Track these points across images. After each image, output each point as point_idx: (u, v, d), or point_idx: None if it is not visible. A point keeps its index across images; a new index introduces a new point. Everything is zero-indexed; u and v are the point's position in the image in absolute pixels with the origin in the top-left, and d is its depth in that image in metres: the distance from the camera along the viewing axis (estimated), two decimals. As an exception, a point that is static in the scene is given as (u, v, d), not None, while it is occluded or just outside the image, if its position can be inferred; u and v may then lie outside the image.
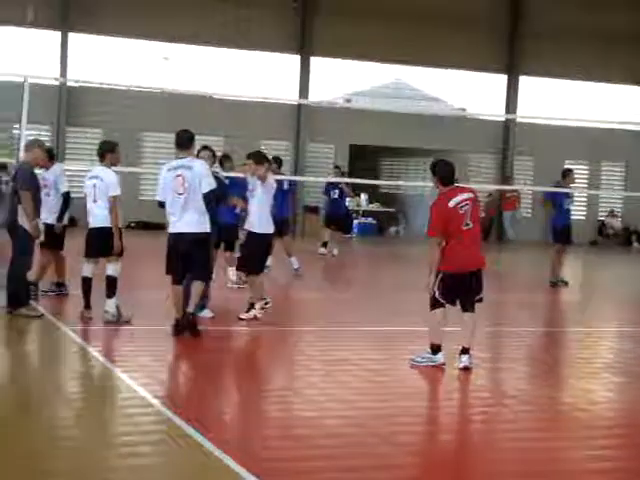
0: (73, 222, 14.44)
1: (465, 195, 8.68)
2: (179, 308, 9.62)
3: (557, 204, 16.59)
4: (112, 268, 10.26)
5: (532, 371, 9.50)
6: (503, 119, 29.84)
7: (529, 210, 30.08)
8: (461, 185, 9.10)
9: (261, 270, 11.06)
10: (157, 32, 26.32)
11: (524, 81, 30.02)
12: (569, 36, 29.47)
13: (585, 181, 30.99)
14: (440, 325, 8.71)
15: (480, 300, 8.78)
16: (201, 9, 26.57)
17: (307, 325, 11.19)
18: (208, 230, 9.73)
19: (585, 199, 31.08)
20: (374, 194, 29.69)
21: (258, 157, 11.00)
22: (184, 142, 9.76)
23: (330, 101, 26.80)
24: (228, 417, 7.02)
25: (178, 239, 9.61)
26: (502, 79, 29.95)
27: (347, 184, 20.28)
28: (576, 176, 30.15)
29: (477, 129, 28.69)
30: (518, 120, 29.28)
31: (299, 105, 27.52)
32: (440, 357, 8.67)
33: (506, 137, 29.93)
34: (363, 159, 28.63)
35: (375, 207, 29.77)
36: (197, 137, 10.05)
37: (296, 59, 28.01)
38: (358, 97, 28.08)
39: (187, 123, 25.65)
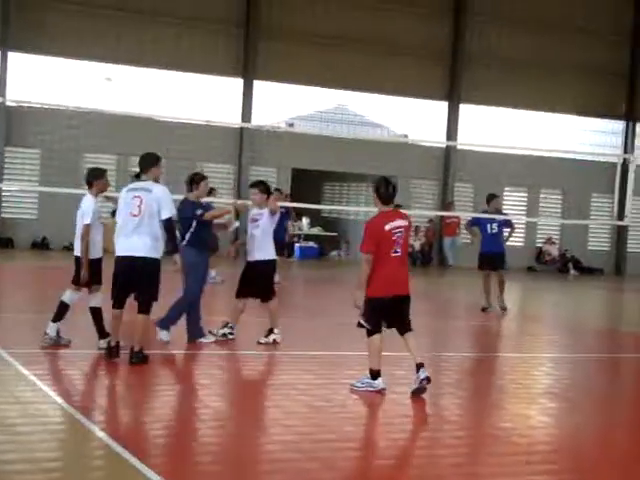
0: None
1: (401, 222, 8.76)
2: (115, 333, 9.43)
3: (482, 230, 16.75)
4: (66, 295, 10.06)
5: (469, 396, 9.55)
6: (444, 146, 30.18)
7: (469, 236, 30.37)
8: (400, 210, 9.14)
9: (275, 294, 11.32)
10: (100, 53, 26.16)
11: (465, 109, 30.43)
12: (510, 65, 30.01)
13: (524, 208, 31.46)
14: (379, 351, 8.73)
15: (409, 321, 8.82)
16: (145, 31, 26.50)
17: (249, 349, 11.12)
18: (158, 256, 9.45)
19: (523, 226, 31.50)
20: (316, 218, 29.78)
21: (266, 188, 11.44)
22: (145, 165, 9.63)
23: (273, 125, 26.85)
24: (164, 441, 6.93)
25: (125, 262, 9.39)
26: (443, 106, 30.31)
27: (291, 208, 20.22)
28: (515, 203, 31.13)
29: (419, 155, 28.96)
30: (459, 147, 29.65)
31: (241, 128, 27.53)
32: (379, 383, 8.68)
33: (447, 164, 30.25)
34: (305, 183, 28.71)
35: (317, 231, 29.85)
36: (137, 159, 9.97)
37: (239, 83, 28.04)
38: (301, 121, 28.20)
39: (128, 145, 25.62)
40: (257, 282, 11.22)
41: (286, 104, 28.18)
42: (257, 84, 28.17)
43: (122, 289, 9.47)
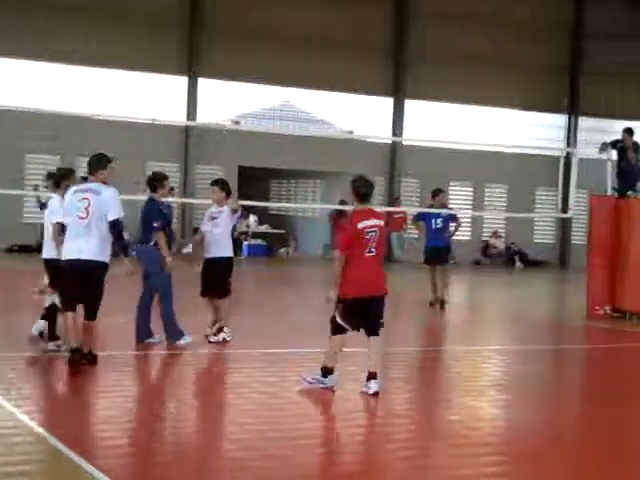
0: None
1: (375, 221, 8.61)
2: (77, 337, 9.16)
3: (427, 224, 16.86)
4: (52, 299, 10.01)
5: (419, 390, 9.63)
6: (390, 141, 30.31)
7: (416, 231, 30.57)
8: (375, 209, 8.96)
9: (229, 293, 11.30)
10: (42, 53, 25.83)
11: (410, 104, 30.60)
12: (455, 61, 30.23)
13: (469, 202, 31.76)
14: (337, 351, 8.66)
15: (381, 325, 8.75)
16: (88, 29, 26.21)
17: (200, 348, 11.06)
18: (107, 260, 9.27)
19: (469, 220, 31.79)
20: (264, 216, 29.74)
21: (225, 186, 11.51)
22: (95, 166, 9.41)
23: (218, 123, 26.75)
24: (115, 443, 6.88)
25: (75, 265, 9.14)
26: (389, 102, 30.45)
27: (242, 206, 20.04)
28: (461, 198, 31.42)
29: (365, 151, 29.06)
30: (404, 143, 29.81)
31: (187, 127, 27.38)
32: (329, 380, 8.63)
33: (393, 159, 30.41)
34: (252, 181, 28.65)
35: (265, 228, 29.82)
36: (83, 159, 9.87)
37: (184, 81, 27.89)
38: (247, 119, 28.14)
39: (72, 145, 25.33)
40: (214, 279, 11.25)
41: (232, 102, 28.09)
42: (202, 82, 28.05)
43: (73, 293, 9.24)
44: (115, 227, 9.20)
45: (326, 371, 8.66)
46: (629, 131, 16.85)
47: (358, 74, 29.29)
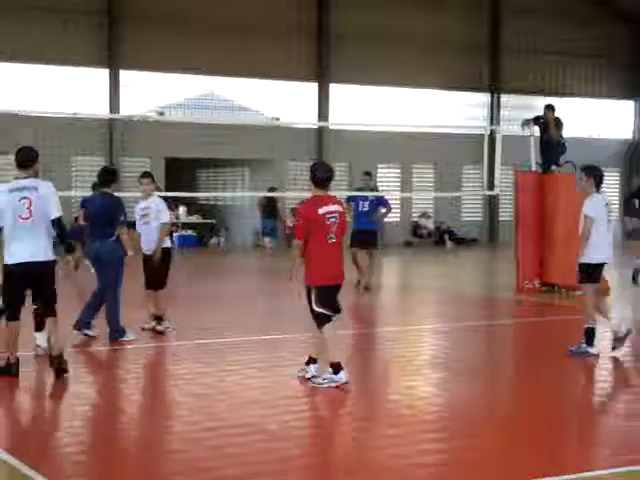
0: None
1: (334, 207, 8.49)
2: (16, 346, 8.75)
3: (355, 207, 16.87)
4: None
5: (355, 372, 9.67)
6: (316, 127, 30.31)
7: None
8: (332, 195, 8.82)
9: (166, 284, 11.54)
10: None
11: (335, 88, 30.63)
12: (377, 43, 30.30)
13: (398, 184, 31.96)
14: (336, 341, 8.48)
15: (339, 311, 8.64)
16: (5, 23, 25.64)
17: (134, 342, 10.94)
18: (54, 257, 8.90)
19: (398, 201, 32.00)
20: (193, 206, 29.55)
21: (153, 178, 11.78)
22: (26, 161, 8.77)
23: (142, 115, 26.45)
24: (51, 443, 6.79)
25: (27, 269, 8.60)
26: (313, 87, 30.44)
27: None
28: (389, 179, 31.59)
29: (292, 137, 29.00)
30: (331, 127, 29.84)
31: (110, 120, 27.02)
32: (342, 376, 8.35)
33: (320, 144, 30.43)
34: (179, 172, 28.43)
35: (194, 219, 29.63)
36: (2, 157, 9.61)
37: (105, 73, 27.50)
38: (171, 110, 27.88)
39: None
40: (155, 271, 11.40)
41: (155, 93, 27.78)
42: (123, 74, 27.66)
43: (20, 299, 8.77)
44: (60, 224, 8.78)
45: (335, 367, 8.38)
46: (550, 107, 17.13)
47: (281, 60, 29.19)
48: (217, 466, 6.14)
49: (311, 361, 8.58)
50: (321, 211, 8.36)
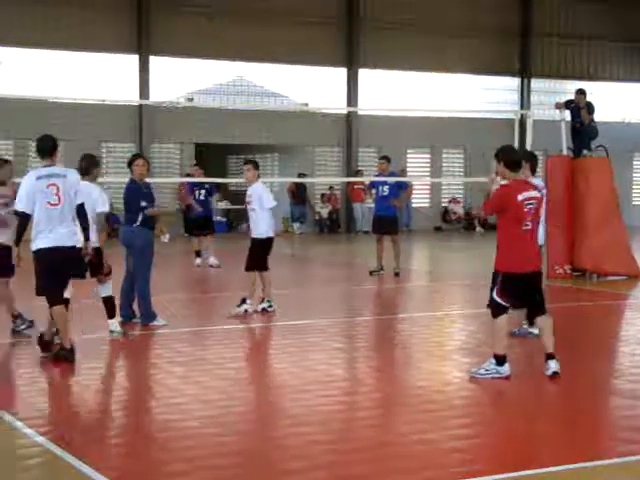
0: None
1: (533, 193, 8.22)
2: (67, 331, 8.78)
3: (376, 192, 16.89)
4: (105, 288, 9.99)
5: (385, 357, 9.68)
6: (345, 112, 30.25)
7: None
8: (529, 181, 8.60)
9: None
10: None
11: (364, 73, 30.53)
12: (406, 27, 30.16)
13: (427, 169, 31.86)
14: (505, 333, 8.28)
15: (544, 301, 8.38)
16: (36, 11, 25.78)
17: (163, 328, 11.02)
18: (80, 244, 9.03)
19: (428, 186, 31.91)
20: (223, 192, 29.63)
21: (257, 164, 12.66)
22: (48, 149, 8.87)
23: (172, 101, 26.52)
24: (84, 426, 6.86)
25: (58, 252, 8.67)
26: (342, 72, 30.37)
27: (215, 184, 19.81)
28: (418, 164, 31.49)
29: (321, 123, 28.98)
30: (360, 112, 29.77)
31: (140, 106, 27.12)
32: (506, 369, 8.18)
33: (349, 130, 30.37)
34: (209, 157, 28.49)
35: (224, 205, 29.71)
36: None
37: (135, 59, 27.59)
38: (201, 96, 27.93)
39: (26, 130, 24.95)
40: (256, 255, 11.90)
41: (185, 79, 27.84)
42: (153, 60, 27.75)
43: (59, 283, 8.81)
44: (83, 211, 8.91)
45: (499, 359, 8.18)
46: (581, 91, 16.97)
47: (310, 45, 29.14)
48: (248, 449, 6.17)
49: (550, 357, 8.18)
50: (520, 197, 8.08)
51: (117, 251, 11.31)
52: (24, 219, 8.74)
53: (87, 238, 9.07)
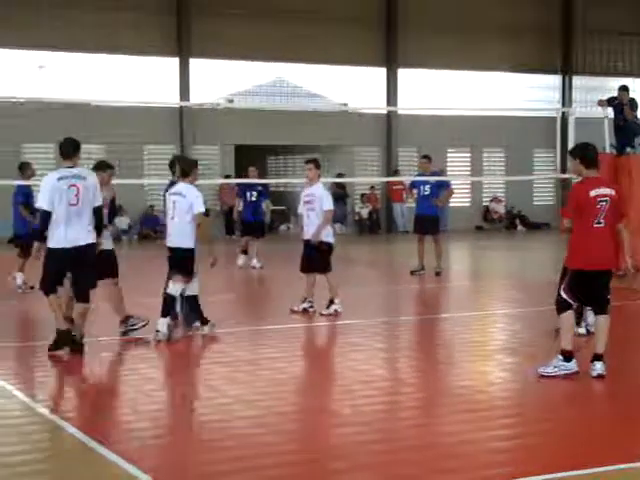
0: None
1: (607, 190, 8.13)
2: (60, 318, 9.24)
3: (417, 192, 16.84)
4: (174, 288, 10.19)
5: (428, 357, 9.65)
6: (385, 112, 30.19)
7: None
8: (604, 178, 8.46)
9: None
10: (31, 41, 25.65)
11: (403, 73, 30.45)
12: (445, 27, 30.03)
13: (468, 168, 31.70)
14: (571, 328, 8.25)
15: (608, 302, 8.24)
16: (76, 15, 26.02)
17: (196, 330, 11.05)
18: (95, 240, 9.36)
19: (469, 186, 31.75)
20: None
21: (319, 163, 12.47)
22: (70, 151, 9.32)
23: (212, 103, 26.65)
24: (128, 426, 6.90)
25: (69, 252, 9.11)
26: (381, 72, 30.31)
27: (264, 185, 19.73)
28: (459, 163, 31.34)
29: (360, 123, 28.95)
30: (400, 112, 29.70)
31: (181, 108, 27.28)
32: (574, 364, 8.13)
33: (389, 129, 30.31)
34: (249, 159, 28.54)
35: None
36: (83, 146, 9.83)
37: (175, 62, 27.76)
38: (240, 97, 28.02)
39: (68, 132, 25.16)
40: (314, 257, 11.85)
41: (224, 81, 27.95)
42: (193, 62, 27.90)
43: (58, 277, 9.32)
44: (99, 212, 9.34)
45: (565, 355, 8.14)
46: (624, 88, 16.78)
47: (349, 46, 29.12)
48: (289, 450, 6.18)
49: (596, 357, 8.12)
50: (592, 193, 8.03)
51: (158, 254, 11.35)
52: (45, 216, 9.12)
53: (99, 236, 9.43)
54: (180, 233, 10.15)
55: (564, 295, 8.20)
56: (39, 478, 5.66)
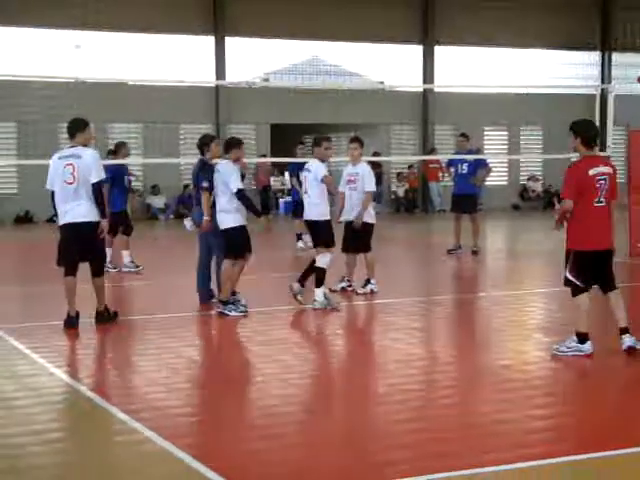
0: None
1: (605, 169, 8.04)
2: (72, 301, 9.50)
3: (455, 171, 16.70)
4: (321, 259, 10.67)
5: (465, 336, 9.60)
6: (421, 90, 30.00)
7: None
8: (604, 156, 8.32)
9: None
10: (67, 21, 25.78)
11: (440, 51, 30.22)
12: (482, 3, 29.75)
13: (505, 146, 31.44)
14: (587, 311, 8.13)
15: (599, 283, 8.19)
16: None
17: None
18: (98, 219, 9.55)
19: (506, 164, 31.50)
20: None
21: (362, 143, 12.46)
22: (72, 130, 9.75)
23: (248, 81, 26.62)
24: (166, 403, 6.93)
25: (72, 229, 9.50)
26: (418, 50, 30.10)
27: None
28: (496, 142, 31.08)
29: (396, 101, 28.80)
30: (436, 90, 29.50)
31: (217, 87, 27.30)
32: (588, 347, 8.05)
33: (425, 107, 30.13)
34: (285, 137, 28.53)
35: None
36: (116, 125, 9.93)
37: (211, 40, 27.76)
38: (276, 76, 27.97)
39: (104, 112, 25.37)
40: (358, 237, 11.78)
41: (260, 59, 27.91)
42: (229, 41, 27.89)
43: (72, 256, 9.56)
44: (96, 189, 9.50)
45: (580, 337, 8.09)
46: (665, 64, 16.52)
47: (385, 23, 28.94)
48: (322, 429, 6.18)
49: (623, 331, 8.08)
50: (591, 172, 7.95)
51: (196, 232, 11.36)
52: (51, 195, 9.64)
53: (104, 216, 9.62)
54: (314, 206, 10.79)
55: (570, 277, 8.10)
56: (76, 455, 5.70)
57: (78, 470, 5.43)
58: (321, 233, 10.74)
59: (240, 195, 10.19)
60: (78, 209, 9.46)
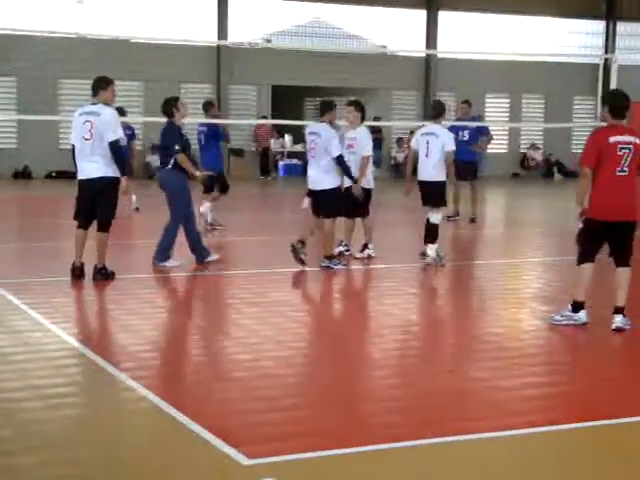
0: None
1: (630, 138, 7.80)
2: (79, 253, 9.76)
3: (456, 138, 16.57)
4: (434, 216, 11.27)
5: (460, 304, 9.63)
6: (424, 55, 29.84)
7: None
8: (630, 127, 8.11)
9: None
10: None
11: (443, 16, 30.01)
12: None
13: (506, 114, 31.33)
14: (587, 281, 8.00)
15: (631, 253, 7.96)
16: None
17: (236, 269, 11.12)
18: (116, 175, 9.65)
19: (507, 132, 31.41)
20: (299, 134, 29.57)
21: (362, 107, 12.33)
22: (95, 88, 9.82)
23: (250, 42, 26.46)
24: (160, 362, 6.96)
25: (86, 184, 9.70)
26: (421, 14, 29.89)
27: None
28: (497, 109, 30.97)
29: (399, 66, 28.66)
30: (439, 56, 29.33)
31: (218, 47, 27.14)
32: (582, 315, 8.01)
33: (427, 73, 29.98)
34: (286, 100, 28.43)
35: (300, 147, 29.68)
36: (117, 83, 9.96)
37: (213, 0, 27.55)
38: (278, 37, 27.80)
39: (105, 69, 25.27)
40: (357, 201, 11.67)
41: (262, 20, 27.73)
42: (232, 0, 27.67)
43: (85, 210, 9.77)
44: (113, 148, 9.58)
45: (575, 305, 8.05)
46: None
47: (390, -14, 28.73)
48: (315, 391, 6.21)
49: (617, 311, 7.97)
50: (612, 140, 7.74)
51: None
52: (73, 149, 9.81)
53: (123, 173, 9.68)
54: (433, 168, 11.30)
55: (578, 244, 8.05)
56: (72, 410, 5.74)
57: (74, 425, 5.46)
58: (330, 203, 10.77)
59: (339, 161, 10.67)
60: (92, 166, 9.61)
